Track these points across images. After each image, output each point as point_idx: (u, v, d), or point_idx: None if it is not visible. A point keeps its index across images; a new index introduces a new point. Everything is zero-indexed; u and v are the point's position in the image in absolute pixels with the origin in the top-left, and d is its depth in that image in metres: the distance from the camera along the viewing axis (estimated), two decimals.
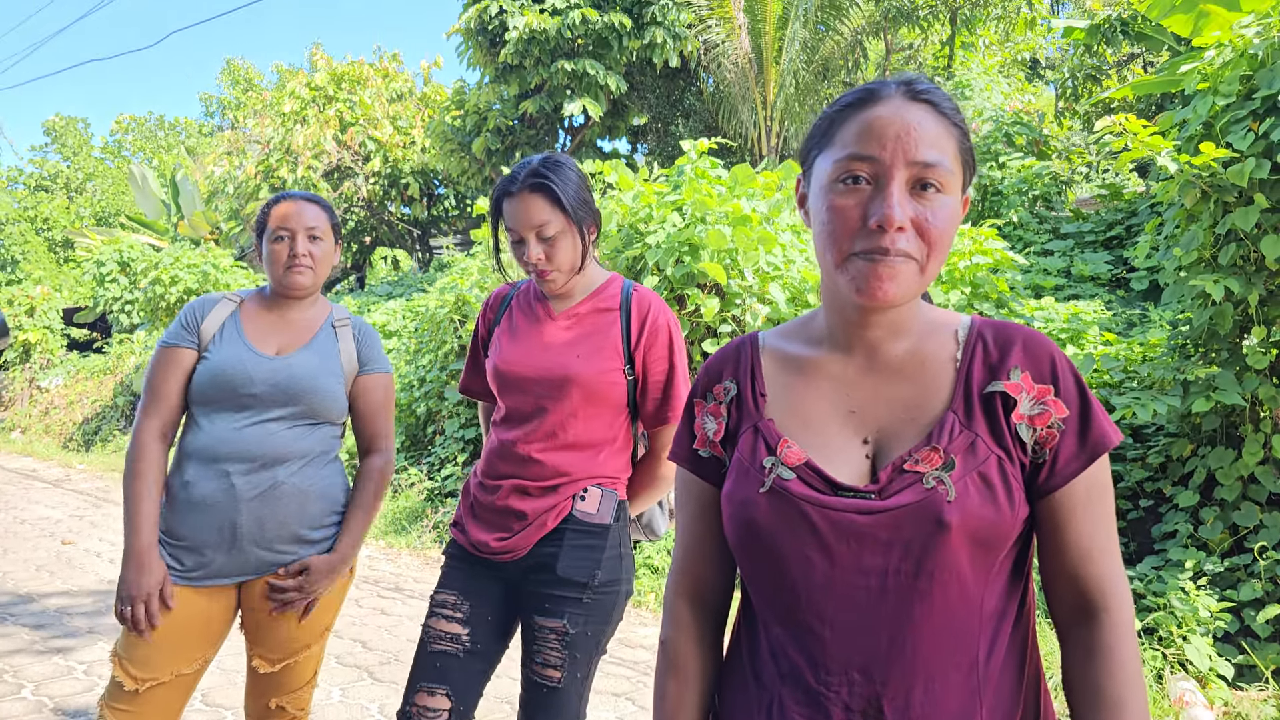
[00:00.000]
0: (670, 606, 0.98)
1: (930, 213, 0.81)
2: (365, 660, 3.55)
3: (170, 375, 1.74)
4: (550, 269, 1.60)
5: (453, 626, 1.62)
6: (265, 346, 1.77)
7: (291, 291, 1.80)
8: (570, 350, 1.62)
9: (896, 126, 0.81)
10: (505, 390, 1.65)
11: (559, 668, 1.56)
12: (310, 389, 1.74)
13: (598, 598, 1.59)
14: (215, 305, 1.80)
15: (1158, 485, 3.78)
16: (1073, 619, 0.84)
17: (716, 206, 4.67)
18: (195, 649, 1.70)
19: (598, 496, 1.61)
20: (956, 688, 0.80)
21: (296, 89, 13.85)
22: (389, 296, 11.36)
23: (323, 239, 1.81)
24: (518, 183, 1.59)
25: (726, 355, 0.97)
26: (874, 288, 0.80)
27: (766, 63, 11.02)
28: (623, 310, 1.65)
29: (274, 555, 1.72)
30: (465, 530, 1.67)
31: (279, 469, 1.71)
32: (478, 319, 1.79)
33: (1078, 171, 8.00)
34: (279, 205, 1.80)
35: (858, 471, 0.84)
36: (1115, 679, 0.80)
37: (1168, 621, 3.11)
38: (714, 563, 0.96)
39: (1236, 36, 3.43)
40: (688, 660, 0.95)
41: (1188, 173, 3.37)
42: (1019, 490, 0.81)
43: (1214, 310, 3.39)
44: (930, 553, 0.78)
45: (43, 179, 28.73)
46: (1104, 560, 0.83)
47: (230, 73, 29.48)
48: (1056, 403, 0.83)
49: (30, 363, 12.59)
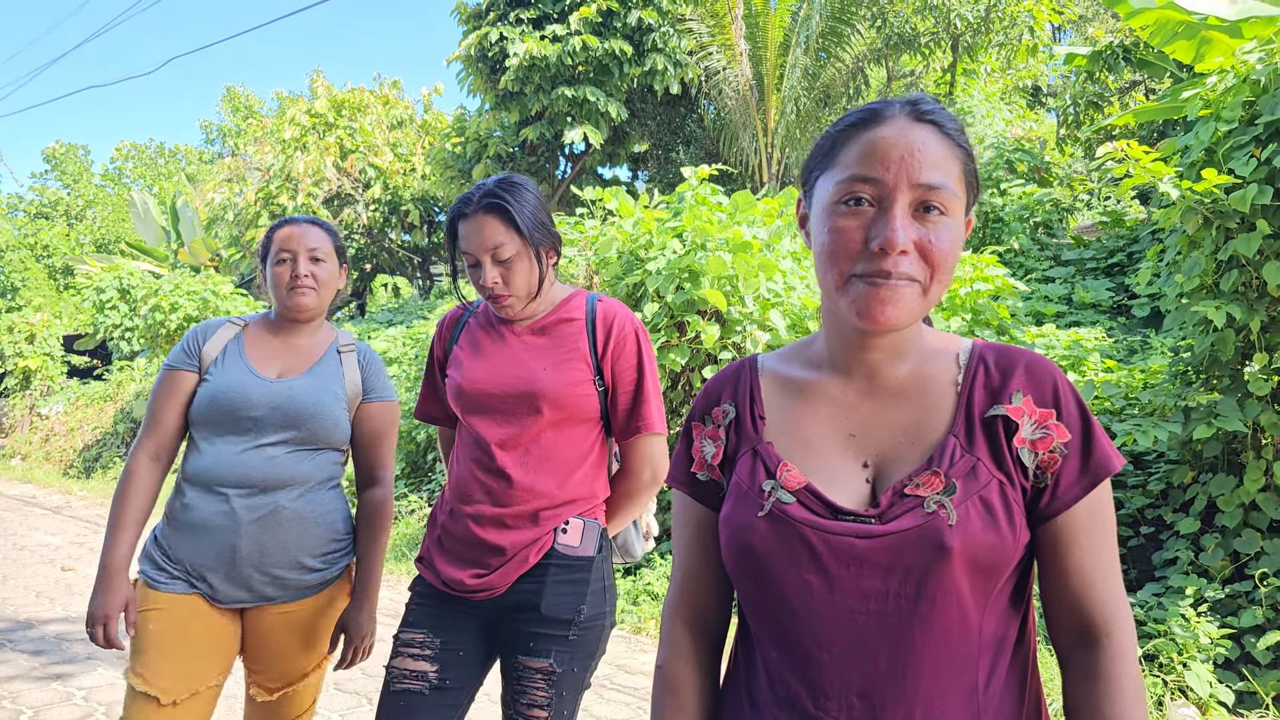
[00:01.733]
0: (667, 631, 0.97)
1: (933, 235, 0.80)
2: (364, 687, 3.55)
3: (169, 398, 1.74)
4: (506, 293, 1.55)
5: (419, 665, 1.53)
6: (267, 370, 1.75)
7: (295, 314, 1.78)
8: (538, 363, 1.56)
9: (900, 148, 0.80)
10: (471, 410, 1.58)
11: (546, 707, 1.50)
12: (312, 414, 1.72)
13: (583, 633, 1.53)
14: (219, 329, 1.80)
15: (1159, 512, 3.77)
16: (1074, 644, 0.83)
17: (717, 233, 4.68)
18: (211, 661, 1.69)
19: (580, 528, 1.55)
20: (956, 712, 0.79)
21: (297, 116, 13.97)
22: (389, 324, 11.37)
23: (326, 261, 1.80)
24: (472, 204, 1.54)
25: (725, 378, 0.96)
26: (875, 311, 0.79)
27: (768, 89, 11.13)
28: (588, 320, 1.60)
29: (274, 582, 1.69)
30: (434, 566, 1.58)
31: (280, 494, 1.69)
32: (433, 341, 1.73)
33: (1079, 198, 8.04)
34: (282, 229, 1.80)
35: (858, 495, 0.83)
36: (1117, 704, 0.79)
37: (1168, 648, 3.10)
38: (711, 587, 0.96)
39: (1239, 62, 3.45)
40: (685, 685, 0.94)
41: (1189, 199, 3.38)
42: (1020, 515, 0.80)
43: (1216, 336, 3.38)
44: (930, 577, 0.77)
45: (43, 206, 28.89)
46: (1106, 585, 0.82)
47: (231, 100, 29.77)
48: (1059, 427, 0.82)
49: (31, 389, 12.56)
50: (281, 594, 1.71)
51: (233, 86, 30.10)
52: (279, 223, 1.83)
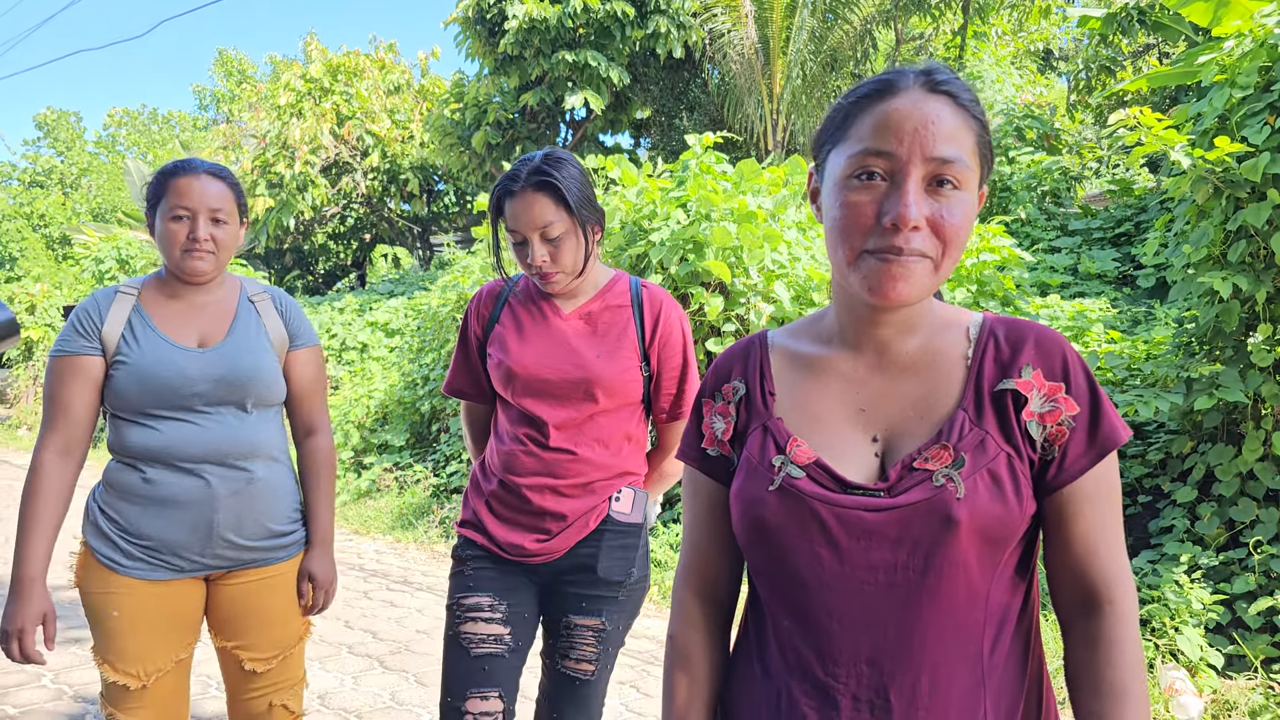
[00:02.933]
0: (679, 601, 0.99)
1: (946, 210, 0.79)
2: (376, 650, 3.62)
3: (74, 385, 1.60)
4: (554, 270, 1.56)
5: (494, 628, 1.60)
6: (185, 338, 1.64)
7: (190, 278, 1.65)
8: (590, 350, 1.60)
9: (914, 120, 0.79)
10: (521, 392, 1.61)
11: (593, 662, 1.59)
12: (253, 376, 1.65)
13: (631, 594, 1.63)
14: (111, 302, 1.64)
15: (1156, 481, 3.80)
16: (1077, 612, 0.85)
17: (721, 203, 4.63)
18: (181, 635, 1.68)
19: (630, 497, 1.63)
20: (962, 678, 0.81)
21: (291, 81, 13.74)
22: (390, 295, 11.34)
23: (227, 222, 1.65)
24: (520, 180, 1.54)
25: (735, 354, 0.97)
26: (886, 288, 0.79)
27: (773, 53, 10.93)
28: (635, 308, 1.64)
29: (247, 550, 1.68)
30: (487, 531, 1.63)
31: (253, 464, 1.66)
32: (468, 316, 1.71)
33: (1088, 166, 7.95)
34: (179, 178, 1.61)
35: (867, 469, 0.84)
36: (1117, 667, 0.81)
37: (1161, 613, 3.16)
38: (722, 559, 0.98)
39: (1257, 26, 3.37)
40: (696, 654, 0.96)
41: (1200, 168, 3.34)
42: (1027, 487, 0.82)
43: (1221, 307, 3.38)
44: (938, 549, 0.79)
45: (37, 174, 28.59)
46: (1109, 554, 0.83)
47: (223, 64, 29.26)
48: (1067, 400, 0.83)
49: (33, 360, 12.57)
50: (254, 559, 1.69)
51: (225, 50, 29.60)
52: (174, 167, 1.64)
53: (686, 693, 0.95)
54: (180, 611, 1.67)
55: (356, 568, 5.00)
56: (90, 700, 3.00)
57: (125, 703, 1.63)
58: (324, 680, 3.26)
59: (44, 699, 3.00)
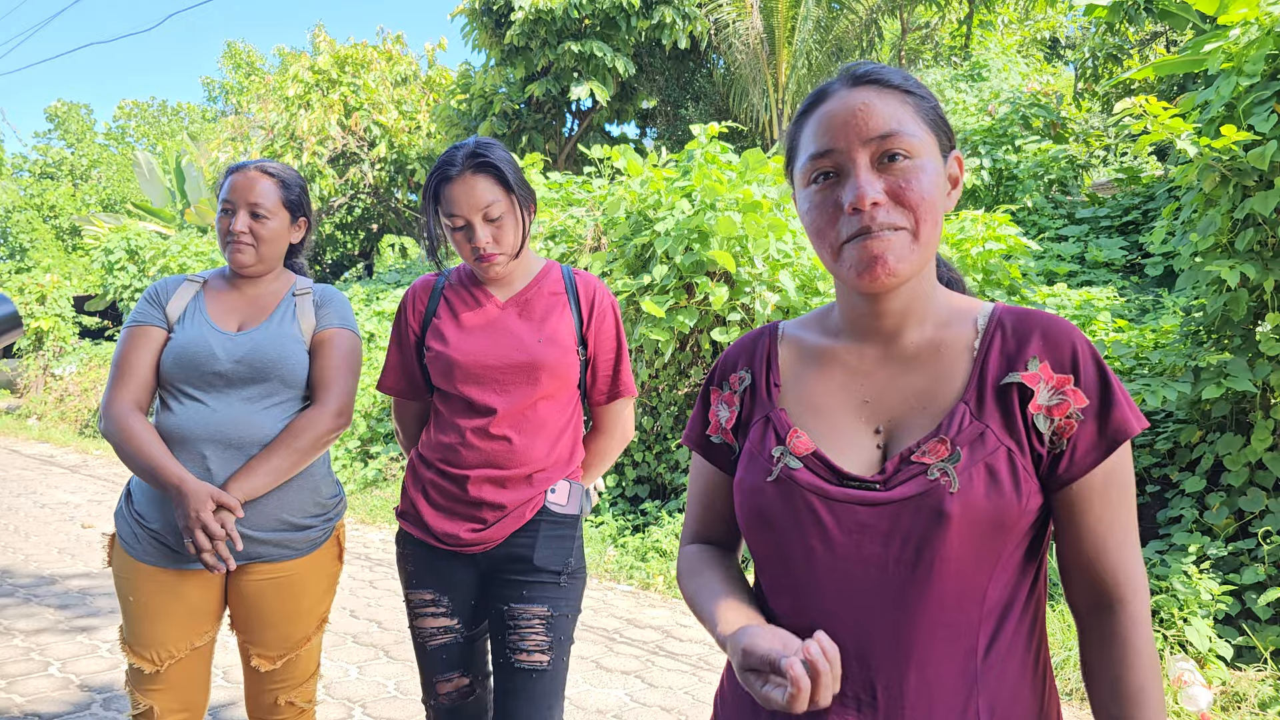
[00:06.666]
0: (682, 551, 1.02)
1: (903, 179, 0.81)
2: (381, 639, 3.64)
3: (142, 349, 1.67)
4: (497, 252, 1.58)
5: (441, 620, 1.65)
6: (227, 324, 1.72)
7: (235, 268, 1.74)
8: (530, 335, 1.62)
9: (844, 114, 0.83)
10: (463, 381, 1.61)
11: (547, 651, 1.59)
12: (276, 359, 1.67)
13: (571, 582, 1.64)
14: (179, 286, 1.75)
15: (1165, 471, 3.78)
16: (1089, 609, 0.84)
17: (726, 193, 4.62)
18: (198, 623, 1.69)
19: (566, 489, 1.65)
20: (951, 677, 0.80)
21: (299, 72, 13.75)
22: (398, 284, 11.36)
23: (269, 217, 1.71)
24: (457, 165, 1.55)
25: (744, 345, 0.98)
26: (871, 267, 0.80)
27: (779, 43, 10.87)
28: (570, 294, 1.68)
29: (256, 542, 1.65)
30: (423, 522, 1.64)
31: (257, 452, 1.64)
32: (402, 312, 1.71)
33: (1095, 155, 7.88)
34: (231, 175, 1.73)
35: (868, 461, 0.84)
36: (1134, 669, 0.80)
37: (1169, 604, 3.15)
38: (719, 542, 1.01)
39: (1264, 14, 3.34)
40: (711, 557, 0.97)
41: (1207, 156, 3.32)
42: (1029, 482, 0.80)
43: (1229, 296, 3.36)
44: (929, 544, 0.78)
45: (47, 166, 28.72)
46: (1121, 551, 0.82)
47: (232, 56, 29.30)
48: (1076, 392, 0.81)
49: (44, 350, 12.67)
50: (266, 553, 1.67)
51: (234, 42, 29.62)
52: (232, 166, 1.75)
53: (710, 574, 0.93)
54: (196, 600, 1.67)
55: (363, 557, 5.03)
56: (97, 689, 3.02)
57: (144, 684, 1.68)
58: (329, 669, 3.29)
59: (51, 688, 3.03)
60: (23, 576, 4.49)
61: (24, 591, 4.21)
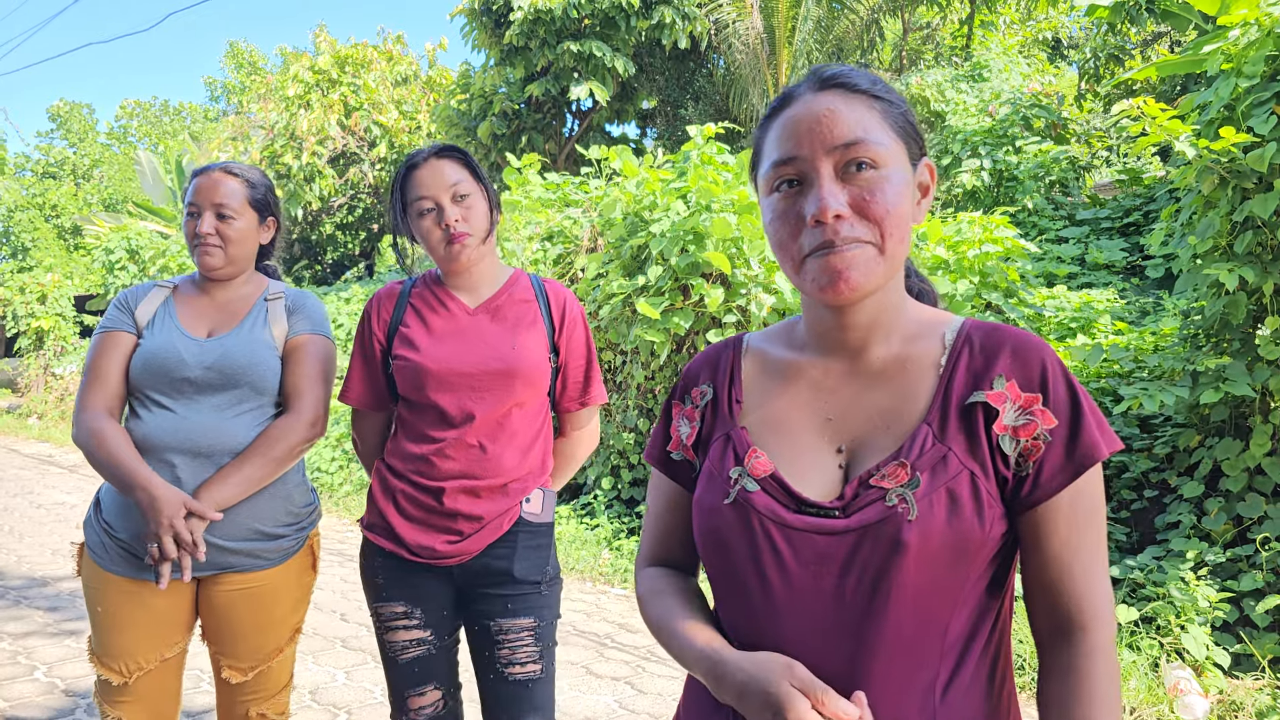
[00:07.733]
0: (639, 575, 0.98)
1: (868, 191, 0.78)
2: (369, 645, 3.61)
3: (112, 355, 1.66)
4: (467, 231, 1.58)
5: (413, 634, 1.63)
6: (197, 329, 1.69)
7: (204, 272, 1.70)
8: (503, 343, 1.61)
9: (808, 119, 0.80)
10: (435, 389, 1.57)
11: (539, 661, 1.60)
12: (247, 366, 1.64)
13: (550, 590, 1.65)
14: (149, 292, 1.74)
15: (1163, 476, 3.74)
16: (1049, 636, 0.81)
17: (722, 194, 4.59)
18: (167, 634, 1.65)
19: (540, 498, 1.65)
20: (909, 711, 0.77)
21: (300, 72, 13.75)
22: None
23: (235, 217, 1.68)
24: (423, 154, 1.60)
25: (708, 358, 0.95)
26: (834, 282, 0.78)
27: (779, 43, 10.83)
28: (540, 301, 1.68)
29: (228, 554, 1.62)
30: (395, 534, 1.60)
31: (227, 460, 1.61)
32: (366, 321, 1.67)
33: (1097, 156, 7.84)
34: (195, 178, 1.70)
35: (828, 482, 0.81)
36: (1083, 703, 0.76)
37: (1166, 611, 3.11)
38: (678, 558, 0.98)
39: (1264, 15, 3.30)
40: (672, 581, 0.94)
41: (1206, 158, 3.28)
42: (993, 507, 0.77)
43: (1227, 300, 3.32)
44: (887, 574, 0.75)
45: (49, 165, 28.79)
46: (1085, 578, 0.78)
47: (234, 55, 29.36)
48: (1044, 412, 0.78)
49: (44, 349, 12.69)
50: (238, 563, 1.63)
51: (235, 42, 29.68)
52: (196, 170, 1.72)
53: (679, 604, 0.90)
54: (164, 611, 1.64)
55: (355, 559, 5.02)
56: (82, 694, 3.00)
57: (112, 696, 1.64)
58: (316, 675, 3.26)
59: (36, 693, 3.00)
60: (14, 578, 4.48)
61: (14, 593, 4.20)
